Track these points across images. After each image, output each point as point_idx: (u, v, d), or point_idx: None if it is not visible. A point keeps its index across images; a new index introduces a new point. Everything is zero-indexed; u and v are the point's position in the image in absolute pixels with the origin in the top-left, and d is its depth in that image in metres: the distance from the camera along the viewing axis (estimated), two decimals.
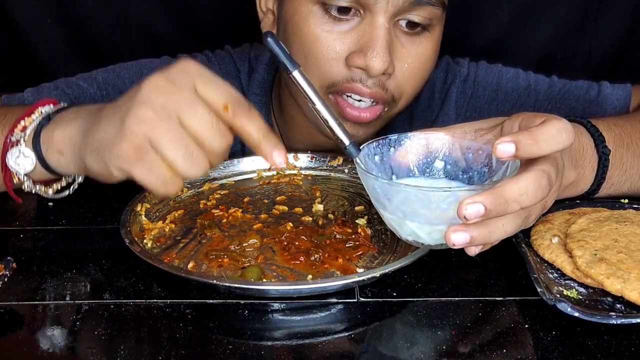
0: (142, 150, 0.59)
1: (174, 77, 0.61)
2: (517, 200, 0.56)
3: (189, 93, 0.60)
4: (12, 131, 0.71)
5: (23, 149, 0.71)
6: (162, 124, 0.59)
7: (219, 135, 0.60)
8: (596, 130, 0.76)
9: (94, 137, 0.64)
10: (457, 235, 0.57)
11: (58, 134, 0.70)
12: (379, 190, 0.63)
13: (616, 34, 1.39)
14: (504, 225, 0.58)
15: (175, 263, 0.70)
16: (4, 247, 0.75)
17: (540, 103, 1.02)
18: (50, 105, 0.73)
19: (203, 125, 0.60)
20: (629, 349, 0.56)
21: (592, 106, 1.00)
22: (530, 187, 0.56)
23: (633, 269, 0.62)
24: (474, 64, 1.06)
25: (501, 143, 0.57)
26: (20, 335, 0.59)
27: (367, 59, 0.82)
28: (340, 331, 0.60)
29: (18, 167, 0.71)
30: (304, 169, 0.93)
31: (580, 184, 0.75)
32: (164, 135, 0.59)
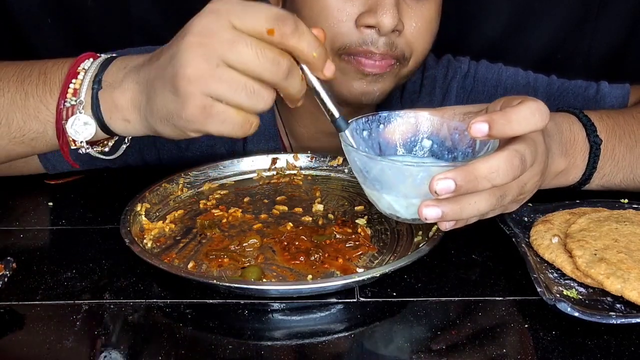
0: (206, 107, 0.60)
1: (207, 25, 0.60)
2: (488, 177, 0.57)
3: (227, 33, 0.59)
4: (63, 96, 0.69)
5: (82, 116, 0.69)
6: (213, 75, 0.59)
7: (271, 63, 0.59)
8: (588, 120, 0.77)
9: (157, 107, 0.64)
10: (429, 210, 0.59)
11: (120, 101, 0.68)
12: (358, 162, 0.65)
13: (616, 34, 1.39)
14: (476, 203, 0.59)
15: (175, 263, 0.70)
16: (4, 247, 0.75)
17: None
18: (90, 60, 0.71)
19: (251, 61, 0.59)
20: (628, 349, 0.56)
21: (590, 104, 1.00)
22: (502, 165, 0.57)
23: (633, 269, 0.62)
24: (474, 62, 1.08)
25: (475, 123, 0.58)
26: (20, 335, 0.59)
27: (377, 16, 0.84)
28: (340, 331, 0.60)
29: (78, 135, 0.69)
30: (304, 169, 0.93)
31: (571, 172, 0.76)
32: (219, 85, 0.59)
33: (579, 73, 1.11)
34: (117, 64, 0.70)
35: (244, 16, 0.59)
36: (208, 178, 0.89)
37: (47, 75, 0.72)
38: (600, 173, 0.78)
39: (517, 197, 0.64)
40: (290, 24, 0.59)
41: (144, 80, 0.66)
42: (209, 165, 0.90)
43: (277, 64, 0.59)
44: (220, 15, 0.59)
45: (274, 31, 0.58)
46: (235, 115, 0.61)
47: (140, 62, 0.68)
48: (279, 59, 0.59)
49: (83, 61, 0.71)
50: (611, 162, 0.78)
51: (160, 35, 1.39)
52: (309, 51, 0.60)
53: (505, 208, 0.66)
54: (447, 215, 0.59)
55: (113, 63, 0.70)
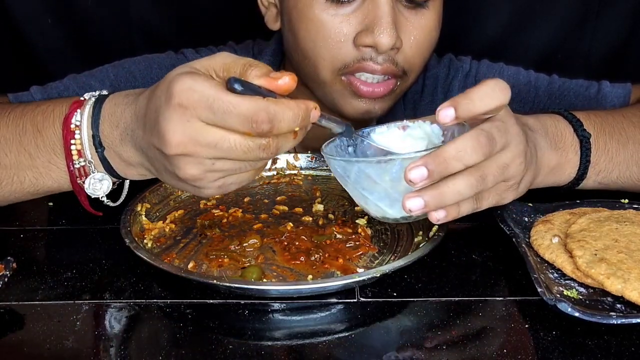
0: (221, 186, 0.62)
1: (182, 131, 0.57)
2: (456, 157, 0.59)
3: (207, 137, 0.57)
4: (69, 158, 0.69)
5: (97, 175, 0.69)
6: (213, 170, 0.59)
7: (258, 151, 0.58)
8: (573, 117, 0.78)
9: (172, 185, 0.65)
10: (411, 202, 0.61)
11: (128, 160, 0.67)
12: (339, 169, 0.66)
13: (616, 34, 1.39)
14: (454, 185, 0.60)
15: (176, 263, 0.70)
16: (4, 247, 0.75)
17: (539, 99, 1.03)
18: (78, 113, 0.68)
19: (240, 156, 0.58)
20: (629, 349, 0.56)
21: (592, 103, 1.00)
22: (468, 143, 0.59)
23: (633, 269, 0.62)
24: (475, 62, 1.08)
25: (442, 109, 0.61)
26: (20, 335, 0.59)
27: (374, 36, 0.83)
28: (340, 331, 0.60)
29: (97, 192, 0.70)
30: (304, 169, 0.93)
31: (565, 167, 0.76)
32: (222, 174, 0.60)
33: (579, 73, 1.11)
34: (107, 121, 0.67)
35: (215, 119, 0.57)
36: None
37: (42, 134, 0.70)
38: (596, 169, 0.78)
39: (504, 180, 0.64)
40: (265, 124, 0.56)
41: (141, 150, 0.65)
42: None
43: (264, 149, 0.58)
44: (188, 115, 0.57)
45: (251, 133, 0.57)
46: (248, 174, 0.62)
47: (129, 121, 0.65)
48: (264, 145, 0.58)
49: (72, 116, 0.68)
50: (605, 157, 0.78)
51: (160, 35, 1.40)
52: (291, 129, 0.58)
53: (499, 196, 0.66)
54: (429, 203, 0.60)
55: (102, 119, 0.67)
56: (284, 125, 0.57)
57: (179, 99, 0.57)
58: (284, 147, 0.60)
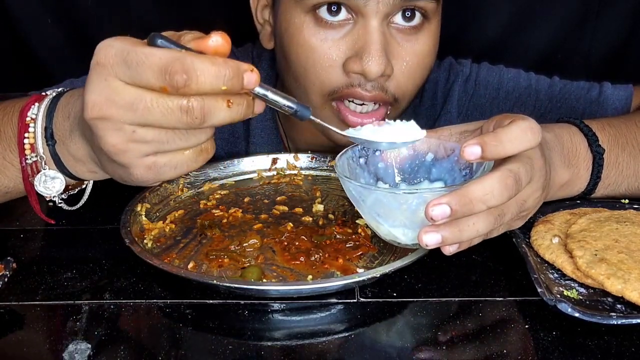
0: (151, 166, 0.59)
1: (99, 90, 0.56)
2: (482, 200, 0.57)
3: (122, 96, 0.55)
4: (22, 153, 0.68)
5: (48, 172, 0.68)
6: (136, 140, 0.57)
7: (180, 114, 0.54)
8: (589, 130, 0.77)
9: (110, 172, 0.64)
10: (428, 237, 0.58)
11: (77, 154, 0.67)
12: (354, 192, 0.65)
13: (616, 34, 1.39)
14: (474, 224, 0.59)
15: (176, 263, 0.70)
16: (4, 247, 0.75)
17: (540, 102, 1.02)
18: (35, 106, 0.68)
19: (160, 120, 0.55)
20: (629, 350, 0.56)
21: (593, 106, 1.00)
22: (496, 186, 0.57)
23: (633, 270, 0.62)
24: (475, 65, 1.07)
25: (468, 146, 0.58)
26: (20, 335, 0.59)
27: (363, 63, 0.80)
28: (340, 331, 0.60)
29: (49, 191, 0.69)
30: (304, 169, 0.93)
31: (576, 183, 0.76)
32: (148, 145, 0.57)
33: (579, 73, 1.11)
34: (62, 112, 0.67)
35: (131, 74, 0.54)
36: (208, 178, 0.89)
37: (0, 129, 0.70)
38: (605, 183, 0.77)
39: (519, 214, 0.64)
40: (178, 75, 0.52)
41: (85, 136, 0.64)
42: (209, 165, 0.90)
43: (185, 112, 0.54)
44: (105, 74, 0.55)
45: (167, 89, 0.53)
46: (184, 156, 0.59)
47: (78, 109, 0.64)
48: (186, 107, 0.54)
49: (29, 108, 0.67)
50: (615, 171, 0.77)
51: None
52: (216, 87, 0.54)
53: (509, 226, 0.66)
54: (447, 239, 0.59)
55: (56, 111, 0.67)
56: (203, 80, 0.53)
57: (98, 57, 0.56)
58: (214, 114, 0.55)
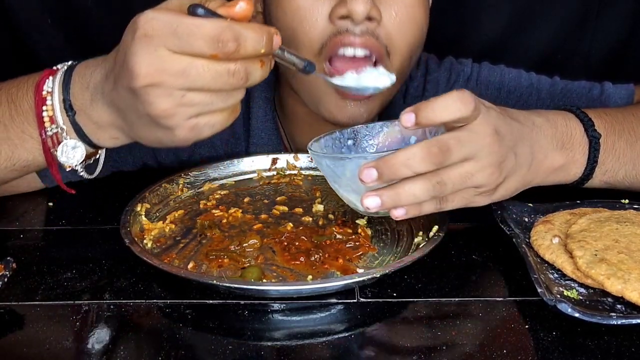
0: (194, 127, 0.62)
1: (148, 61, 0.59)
2: (405, 164, 0.62)
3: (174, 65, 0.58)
4: (41, 125, 0.69)
5: (69, 142, 0.69)
6: (184, 104, 0.60)
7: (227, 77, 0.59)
8: (585, 116, 0.77)
9: (145, 136, 0.66)
10: (368, 200, 0.64)
11: (100, 122, 0.68)
12: (315, 162, 0.70)
13: (616, 34, 1.39)
14: (410, 188, 0.64)
15: (175, 263, 0.70)
16: (4, 247, 0.75)
17: (542, 101, 1.03)
18: (50, 79, 0.70)
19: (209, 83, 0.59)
20: (629, 350, 0.56)
21: (595, 104, 1.00)
22: (418, 153, 0.62)
23: (633, 270, 0.62)
24: (476, 65, 1.07)
25: (404, 113, 0.63)
26: (20, 335, 0.59)
27: (348, 4, 0.80)
28: (340, 331, 0.60)
29: (71, 160, 0.70)
30: (304, 169, 0.93)
31: (571, 167, 0.76)
32: (194, 108, 0.61)
33: (579, 73, 1.11)
34: (78, 83, 0.68)
35: (181, 44, 0.58)
36: (208, 178, 0.89)
37: (16, 104, 0.71)
38: (602, 169, 0.78)
39: (471, 188, 0.66)
40: (230, 42, 0.58)
41: (112, 104, 0.66)
42: (209, 166, 0.90)
43: (232, 75, 0.59)
44: (154, 44, 0.58)
45: (218, 55, 0.58)
46: (221, 116, 0.63)
47: (98, 79, 0.67)
48: (232, 70, 0.59)
49: (44, 82, 0.69)
50: (612, 158, 0.78)
51: None
52: (256, 51, 0.59)
53: (466, 200, 0.68)
54: (386, 202, 0.64)
55: (73, 82, 0.69)
56: (249, 45, 0.58)
57: (144, 30, 0.58)
58: (253, 75, 0.61)
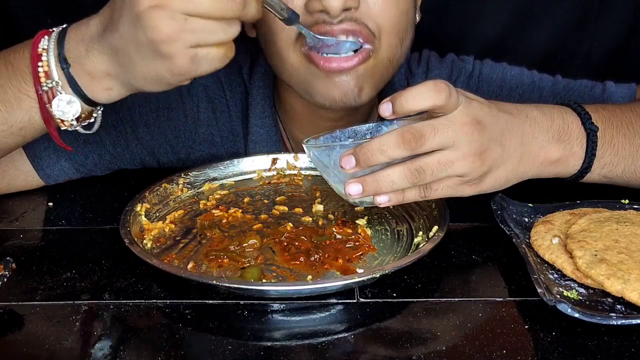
0: (193, 57, 0.64)
1: None
2: (379, 149, 0.65)
3: None
4: (37, 81, 0.70)
5: (64, 96, 0.70)
6: (186, 29, 0.62)
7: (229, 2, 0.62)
8: (582, 109, 0.78)
9: (143, 72, 0.67)
10: (350, 187, 0.67)
11: (94, 72, 0.69)
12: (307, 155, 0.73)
13: (616, 34, 1.39)
14: (389, 176, 0.66)
15: (175, 263, 0.70)
16: (4, 247, 0.75)
17: (544, 99, 1.03)
18: (45, 38, 0.71)
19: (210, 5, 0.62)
20: (629, 350, 0.56)
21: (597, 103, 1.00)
22: (392, 139, 0.64)
23: (633, 270, 0.62)
24: (478, 62, 1.07)
25: (383, 103, 0.65)
26: (20, 335, 0.59)
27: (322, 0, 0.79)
28: (340, 332, 0.60)
29: (66, 115, 0.70)
30: (304, 169, 0.93)
31: (569, 160, 0.76)
32: (195, 35, 0.63)
33: (579, 73, 1.10)
34: (73, 37, 0.70)
35: None
36: (208, 178, 0.89)
37: (14, 64, 0.72)
38: (601, 162, 0.78)
39: (455, 177, 0.67)
40: None
41: (109, 50, 0.67)
42: (209, 166, 0.90)
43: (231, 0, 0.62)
44: None
45: None
46: (218, 51, 0.65)
47: (94, 30, 0.69)
48: None
49: (39, 41, 0.71)
50: (611, 151, 0.78)
51: None
52: None
53: (452, 190, 0.69)
54: (367, 189, 0.67)
55: (67, 37, 0.70)
56: None
57: None
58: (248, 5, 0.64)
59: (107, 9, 0.68)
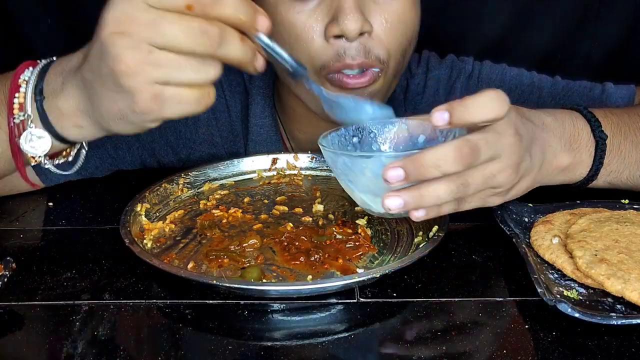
0: (157, 95, 0.58)
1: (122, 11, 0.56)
2: (435, 165, 0.59)
3: (145, 15, 0.55)
4: (10, 113, 0.67)
5: (34, 130, 0.66)
6: (149, 62, 0.56)
7: (199, 35, 0.55)
8: (592, 116, 0.77)
9: (106, 109, 0.61)
10: (390, 200, 0.61)
11: (65, 108, 0.65)
12: (329, 160, 0.66)
13: (616, 34, 1.39)
14: (434, 190, 0.61)
15: (175, 263, 0.70)
16: (4, 247, 0.75)
17: (543, 100, 1.03)
18: (30, 70, 0.68)
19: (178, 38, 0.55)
20: (629, 350, 0.56)
21: (596, 104, 1.00)
22: (450, 153, 0.59)
23: (633, 270, 0.62)
24: (478, 62, 1.08)
25: (437, 111, 0.60)
26: (20, 335, 0.59)
27: (340, 23, 0.80)
28: (340, 332, 0.60)
29: (35, 150, 0.67)
30: (304, 169, 0.93)
31: (577, 168, 0.76)
32: (160, 70, 0.56)
33: (579, 73, 1.11)
34: (54, 69, 0.67)
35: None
36: (208, 178, 0.89)
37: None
38: (607, 169, 0.78)
39: (489, 189, 0.64)
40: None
41: (82, 83, 0.63)
42: (209, 166, 0.90)
43: (205, 34, 0.56)
44: None
45: (193, 6, 0.55)
46: (190, 93, 0.58)
47: (75, 63, 0.65)
48: (206, 28, 0.56)
49: (23, 72, 0.68)
50: (618, 159, 0.78)
51: None
52: (235, 16, 0.56)
53: (482, 200, 0.66)
54: (408, 203, 0.61)
55: (51, 69, 0.67)
56: (226, 5, 0.56)
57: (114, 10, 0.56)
58: (227, 42, 0.57)
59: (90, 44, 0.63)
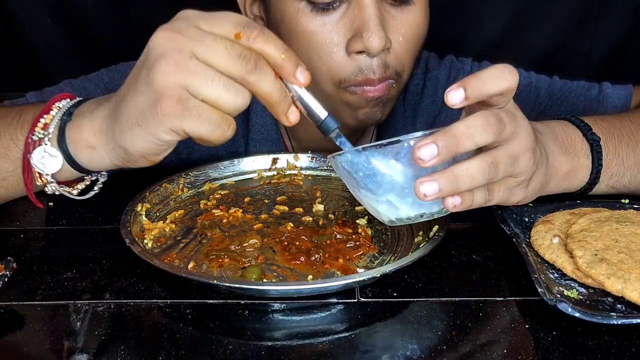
0: (182, 99, 0.58)
1: (175, 26, 0.60)
2: (467, 134, 0.58)
3: (195, 31, 0.59)
4: (32, 130, 0.67)
5: (48, 148, 0.67)
6: (187, 67, 0.58)
7: (238, 56, 0.58)
8: (581, 122, 0.78)
9: (128, 113, 0.61)
10: (425, 186, 0.58)
11: (86, 128, 0.66)
12: (346, 166, 0.63)
13: (616, 34, 1.39)
14: (468, 169, 0.59)
15: (176, 263, 0.70)
16: (4, 247, 0.75)
17: (541, 100, 1.03)
18: (67, 100, 0.70)
19: (220, 54, 0.58)
20: (629, 349, 0.56)
21: (593, 104, 1.00)
22: (478, 122, 0.59)
23: (634, 269, 0.62)
24: (476, 63, 1.08)
25: (450, 91, 0.60)
26: (20, 335, 0.59)
27: (364, 40, 0.81)
28: (340, 331, 0.60)
29: (44, 168, 0.67)
30: (304, 169, 0.93)
31: (578, 172, 0.76)
32: (194, 78, 0.58)
33: (579, 73, 1.11)
34: (93, 100, 0.69)
35: (212, 21, 0.59)
36: (208, 178, 0.89)
37: (22, 115, 0.71)
38: (608, 173, 0.78)
39: (513, 175, 0.64)
40: (257, 29, 0.59)
41: (114, 103, 0.65)
42: (210, 165, 0.90)
43: (244, 57, 0.58)
44: (188, 20, 0.60)
45: (241, 35, 0.58)
46: (212, 112, 0.59)
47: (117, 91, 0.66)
48: (246, 53, 0.58)
49: (59, 100, 0.69)
50: (617, 161, 0.78)
51: None
52: (276, 53, 0.59)
53: (509, 193, 0.66)
54: (444, 187, 0.59)
55: (90, 100, 0.69)
56: (271, 42, 0.59)
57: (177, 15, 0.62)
58: (262, 72, 0.59)
59: None
